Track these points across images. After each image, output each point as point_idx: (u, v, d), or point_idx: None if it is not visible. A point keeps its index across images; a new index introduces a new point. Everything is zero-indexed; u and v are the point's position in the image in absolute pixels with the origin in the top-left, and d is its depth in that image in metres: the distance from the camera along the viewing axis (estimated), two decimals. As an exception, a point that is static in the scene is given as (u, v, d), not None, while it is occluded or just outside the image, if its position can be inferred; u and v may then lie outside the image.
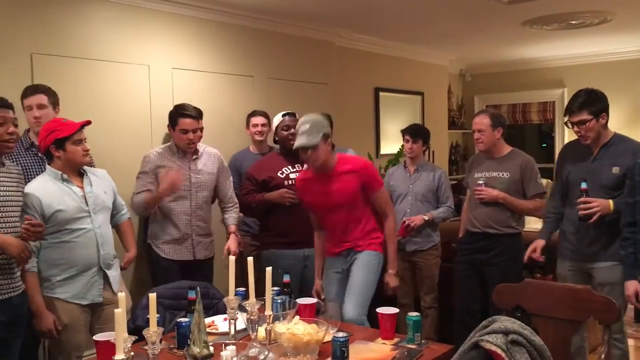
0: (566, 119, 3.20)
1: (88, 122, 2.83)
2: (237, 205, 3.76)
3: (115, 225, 3.13)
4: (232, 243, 3.61)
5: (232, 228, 3.69)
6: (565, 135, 7.43)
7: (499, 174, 3.63)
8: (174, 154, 3.56)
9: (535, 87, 7.57)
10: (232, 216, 3.73)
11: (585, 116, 3.08)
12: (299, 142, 3.05)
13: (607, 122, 3.15)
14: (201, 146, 3.65)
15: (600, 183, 3.11)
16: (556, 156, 7.71)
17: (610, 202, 3.03)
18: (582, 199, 3.07)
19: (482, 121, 3.65)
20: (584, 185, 3.08)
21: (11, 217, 2.51)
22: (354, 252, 3.22)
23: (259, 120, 4.36)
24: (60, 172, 2.76)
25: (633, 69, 6.73)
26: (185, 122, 3.48)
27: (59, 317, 2.72)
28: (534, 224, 6.23)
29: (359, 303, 3.05)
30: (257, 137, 4.35)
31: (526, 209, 3.62)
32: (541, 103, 7.61)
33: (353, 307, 3.02)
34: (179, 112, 3.53)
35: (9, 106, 2.54)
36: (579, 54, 7.03)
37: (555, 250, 3.49)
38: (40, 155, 3.09)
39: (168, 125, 3.59)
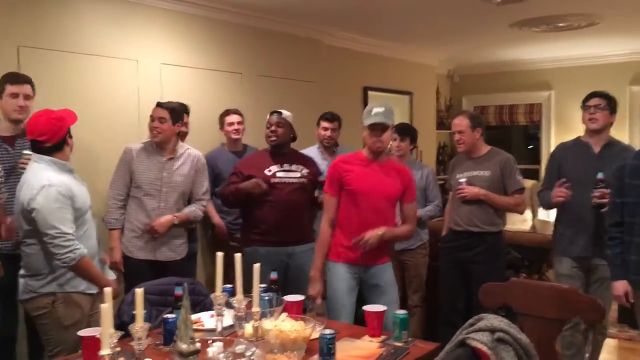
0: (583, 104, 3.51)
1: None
2: (203, 204, 3.68)
3: None
4: (164, 218, 3.48)
5: (178, 214, 3.55)
6: (551, 138, 7.50)
7: (479, 173, 3.67)
8: (153, 149, 3.51)
9: (522, 89, 7.62)
10: (191, 207, 3.61)
11: (603, 103, 3.41)
12: (376, 119, 3.06)
13: (612, 124, 3.46)
14: (183, 146, 3.60)
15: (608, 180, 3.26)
16: (542, 157, 7.84)
17: None
18: (599, 191, 3.22)
19: (461, 122, 3.70)
20: (600, 175, 3.24)
21: None
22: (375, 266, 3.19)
23: (234, 118, 4.30)
24: (67, 163, 2.74)
25: (619, 72, 6.79)
26: (154, 109, 3.50)
27: (78, 311, 2.73)
28: (520, 224, 6.28)
29: None
30: (234, 136, 4.29)
31: (507, 204, 3.66)
32: (528, 105, 7.66)
33: None
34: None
35: None
36: (566, 57, 7.09)
37: (544, 251, 3.55)
38: (5, 146, 3.09)
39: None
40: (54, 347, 2.74)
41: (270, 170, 3.58)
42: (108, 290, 1.89)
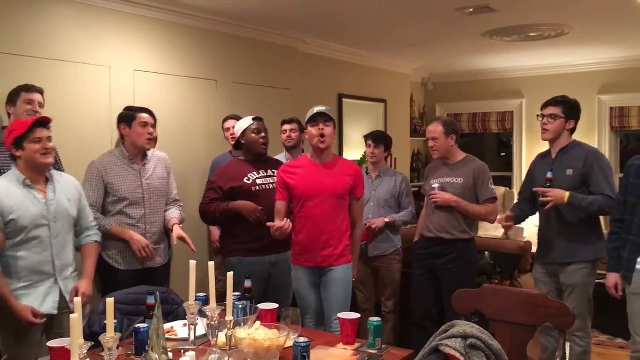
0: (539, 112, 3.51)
1: (43, 119, 2.75)
2: (181, 203, 3.68)
3: (78, 247, 2.98)
4: (179, 231, 3.46)
5: (175, 220, 3.52)
6: (523, 145, 7.62)
7: (453, 180, 3.69)
8: (124, 158, 3.45)
9: (494, 97, 7.74)
10: (175, 211, 3.60)
11: (557, 111, 3.39)
12: (319, 109, 3.22)
13: (573, 129, 3.46)
14: (150, 150, 3.58)
15: (557, 183, 3.33)
16: (514, 165, 7.97)
17: (566, 194, 3.26)
18: (540, 189, 3.32)
19: (435, 129, 3.72)
20: (549, 175, 3.33)
21: None
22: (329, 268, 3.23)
23: (232, 123, 4.28)
24: (23, 177, 2.68)
25: (588, 81, 6.93)
26: (144, 116, 3.45)
27: (16, 329, 2.65)
28: (492, 231, 6.33)
29: None
30: (233, 141, 4.29)
31: (478, 213, 3.66)
32: (500, 113, 7.77)
33: None
34: (135, 109, 3.52)
35: None
36: (537, 66, 7.22)
37: (516, 258, 3.59)
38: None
39: (122, 126, 3.48)
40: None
41: (249, 179, 3.54)
42: (78, 300, 1.86)
